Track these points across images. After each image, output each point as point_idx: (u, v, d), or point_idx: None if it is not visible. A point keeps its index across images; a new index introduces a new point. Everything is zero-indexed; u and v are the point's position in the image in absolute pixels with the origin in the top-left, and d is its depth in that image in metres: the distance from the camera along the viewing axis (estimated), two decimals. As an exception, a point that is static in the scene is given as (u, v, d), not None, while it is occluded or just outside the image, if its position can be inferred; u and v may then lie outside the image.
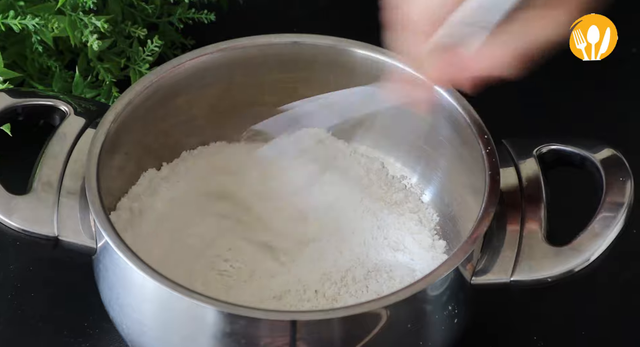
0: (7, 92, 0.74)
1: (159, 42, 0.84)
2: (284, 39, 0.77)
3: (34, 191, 0.70)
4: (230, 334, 0.64)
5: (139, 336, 0.68)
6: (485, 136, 0.71)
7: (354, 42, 0.77)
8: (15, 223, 0.70)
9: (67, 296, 0.76)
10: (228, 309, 0.63)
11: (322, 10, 0.97)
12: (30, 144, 0.75)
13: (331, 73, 0.78)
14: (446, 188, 0.76)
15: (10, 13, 0.80)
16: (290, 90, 0.79)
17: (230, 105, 0.79)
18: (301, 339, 0.63)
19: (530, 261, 0.67)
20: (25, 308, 0.76)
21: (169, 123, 0.77)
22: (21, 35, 0.83)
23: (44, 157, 0.72)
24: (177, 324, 0.65)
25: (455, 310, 0.67)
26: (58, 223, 0.69)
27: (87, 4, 0.81)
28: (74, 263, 0.75)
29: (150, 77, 0.75)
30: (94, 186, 0.68)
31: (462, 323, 0.69)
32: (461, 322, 0.68)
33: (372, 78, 0.76)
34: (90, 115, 0.74)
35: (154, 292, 0.65)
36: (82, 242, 0.69)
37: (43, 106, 0.75)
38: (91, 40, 0.80)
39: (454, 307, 0.67)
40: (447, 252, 0.73)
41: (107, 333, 0.74)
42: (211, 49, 0.76)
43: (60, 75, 0.84)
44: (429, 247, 0.74)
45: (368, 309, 0.64)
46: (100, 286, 0.70)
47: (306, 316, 0.64)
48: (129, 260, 0.65)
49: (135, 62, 0.85)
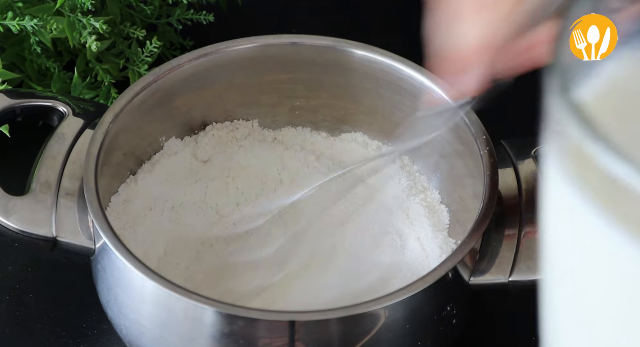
0: (5, 93, 0.75)
1: (157, 43, 0.84)
2: (283, 40, 0.77)
3: (32, 191, 0.70)
4: (228, 335, 0.64)
5: (138, 336, 0.68)
6: (484, 136, 0.71)
7: (354, 43, 0.77)
8: (14, 224, 0.70)
9: (65, 296, 0.76)
10: (226, 310, 0.63)
11: (322, 11, 0.97)
12: (29, 145, 0.75)
13: (330, 74, 0.78)
14: (445, 188, 0.76)
15: (8, 14, 0.80)
16: (290, 91, 0.79)
17: (229, 106, 0.79)
18: (299, 339, 0.63)
19: (528, 262, 0.67)
20: (23, 309, 0.76)
21: (167, 124, 0.77)
22: (20, 36, 0.83)
23: (42, 158, 0.72)
24: (175, 325, 0.65)
25: (453, 310, 0.67)
26: (56, 224, 0.69)
27: (86, 5, 0.81)
28: (72, 264, 0.75)
29: (149, 78, 0.75)
30: (92, 187, 0.68)
31: (461, 323, 0.69)
32: (459, 322, 0.68)
33: (371, 78, 0.76)
34: (89, 116, 0.74)
35: (152, 293, 0.65)
36: (81, 243, 0.69)
37: (41, 107, 0.75)
38: (90, 41, 0.80)
39: (452, 308, 0.67)
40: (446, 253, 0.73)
41: (106, 334, 0.74)
42: (210, 49, 0.76)
43: (58, 76, 0.84)
44: (428, 247, 0.74)
45: (366, 310, 0.63)
46: (99, 287, 0.70)
47: (305, 317, 0.64)
48: (127, 261, 0.65)
49: (134, 63, 0.85)
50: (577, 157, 0.43)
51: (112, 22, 0.84)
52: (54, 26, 0.80)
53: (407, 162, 0.78)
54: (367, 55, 0.76)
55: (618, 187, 0.40)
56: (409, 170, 0.78)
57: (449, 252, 0.71)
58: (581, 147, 0.41)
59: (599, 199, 0.42)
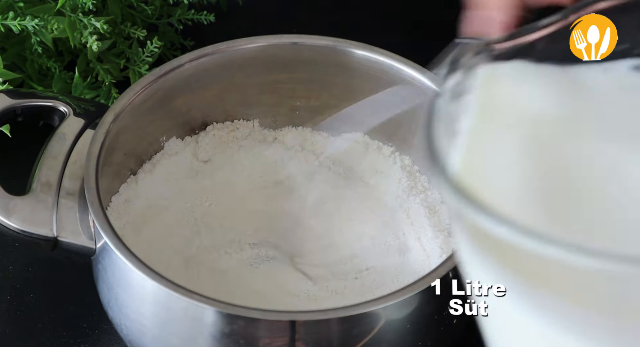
0: (6, 93, 0.75)
1: (158, 43, 0.84)
2: (283, 40, 0.77)
3: (33, 191, 0.70)
4: (229, 335, 0.64)
5: (138, 336, 0.68)
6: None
7: (354, 43, 0.77)
8: (15, 224, 0.70)
9: (66, 296, 0.76)
10: (227, 310, 0.63)
11: (322, 11, 0.97)
12: (30, 145, 0.75)
13: (330, 74, 0.78)
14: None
15: (9, 14, 0.80)
16: (290, 91, 0.79)
17: (230, 106, 0.79)
18: (300, 339, 0.63)
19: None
20: (24, 309, 0.76)
21: (168, 124, 0.77)
22: (21, 36, 0.83)
23: (43, 158, 0.72)
24: (176, 325, 0.65)
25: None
26: (57, 224, 0.69)
27: (87, 5, 0.81)
28: (72, 264, 0.75)
29: (150, 78, 0.75)
30: (93, 187, 0.68)
31: (461, 323, 0.69)
32: (460, 322, 0.68)
33: (371, 79, 0.76)
34: (90, 116, 0.74)
35: (153, 293, 0.65)
36: (81, 243, 0.69)
37: (42, 107, 0.75)
38: (91, 41, 0.80)
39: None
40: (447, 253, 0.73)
41: (106, 334, 0.74)
42: (210, 49, 0.76)
43: (59, 76, 0.84)
44: (429, 247, 0.74)
45: (366, 310, 0.63)
46: (99, 287, 0.70)
47: (305, 316, 0.64)
48: (128, 261, 0.65)
49: (135, 63, 0.85)
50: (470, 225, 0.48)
51: (113, 22, 0.84)
52: (55, 26, 0.80)
53: (408, 162, 0.78)
54: (367, 55, 0.76)
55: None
56: (409, 170, 0.78)
57: (450, 252, 0.71)
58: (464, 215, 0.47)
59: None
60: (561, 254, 0.44)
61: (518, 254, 0.46)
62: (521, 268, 0.47)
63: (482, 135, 0.52)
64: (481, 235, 0.47)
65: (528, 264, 0.47)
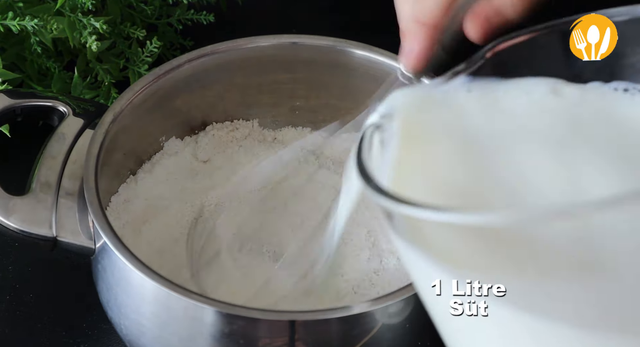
0: (6, 93, 0.75)
1: (157, 43, 0.84)
2: (283, 40, 0.77)
3: (32, 191, 0.70)
4: (228, 335, 0.64)
5: (138, 336, 0.68)
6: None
7: (354, 43, 0.77)
8: (14, 224, 0.70)
9: (65, 296, 0.76)
10: (226, 310, 0.63)
11: (322, 11, 0.97)
12: (29, 145, 0.75)
13: (330, 74, 0.78)
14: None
15: (9, 14, 0.80)
16: (289, 91, 0.79)
17: (229, 106, 0.79)
18: (300, 339, 0.63)
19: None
20: (24, 309, 0.76)
21: (168, 124, 0.77)
22: (20, 36, 0.83)
23: (42, 157, 0.72)
24: (175, 325, 0.65)
25: (453, 310, 0.67)
26: (56, 224, 0.69)
27: (86, 5, 0.81)
28: (72, 264, 0.75)
29: (149, 78, 0.75)
30: (93, 187, 0.68)
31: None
32: (460, 322, 0.68)
33: (371, 79, 0.76)
34: (89, 116, 0.74)
35: (152, 293, 0.65)
36: (81, 243, 0.69)
37: (42, 107, 0.75)
38: (90, 42, 0.80)
39: (452, 308, 0.67)
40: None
41: (106, 334, 0.74)
42: (210, 49, 0.76)
43: (59, 76, 0.84)
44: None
45: (366, 310, 0.63)
46: (99, 287, 0.70)
47: (304, 316, 0.64)
48: (127, 261, 0.65)
49: (134, 63, 0.85)
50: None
51: (112, 22, 0.84)
52: (54, 26, 0.80)
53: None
54: (367, 55, 0.76)
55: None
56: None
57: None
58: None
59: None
60: (450, 217, 0.49)
61: (436, 231, 0.52)
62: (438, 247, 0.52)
63: (406, 154, 0.57)
64: (410, 227, 0.53)
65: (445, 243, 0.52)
